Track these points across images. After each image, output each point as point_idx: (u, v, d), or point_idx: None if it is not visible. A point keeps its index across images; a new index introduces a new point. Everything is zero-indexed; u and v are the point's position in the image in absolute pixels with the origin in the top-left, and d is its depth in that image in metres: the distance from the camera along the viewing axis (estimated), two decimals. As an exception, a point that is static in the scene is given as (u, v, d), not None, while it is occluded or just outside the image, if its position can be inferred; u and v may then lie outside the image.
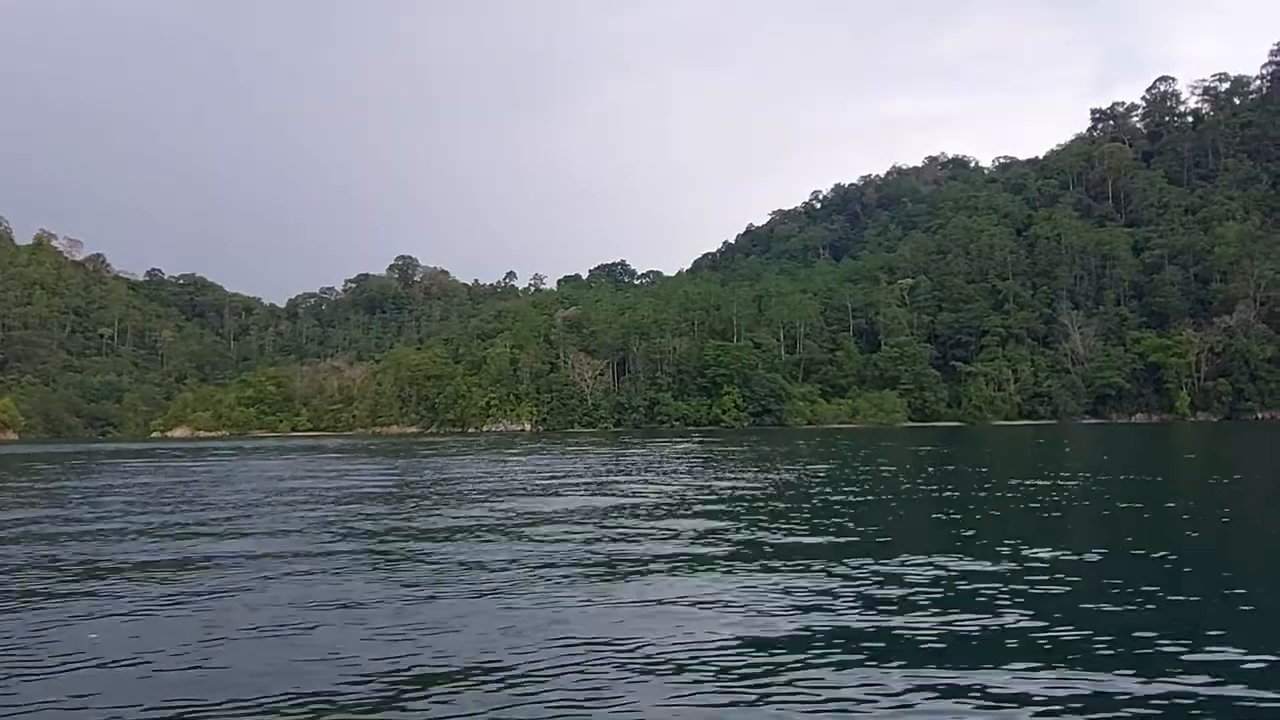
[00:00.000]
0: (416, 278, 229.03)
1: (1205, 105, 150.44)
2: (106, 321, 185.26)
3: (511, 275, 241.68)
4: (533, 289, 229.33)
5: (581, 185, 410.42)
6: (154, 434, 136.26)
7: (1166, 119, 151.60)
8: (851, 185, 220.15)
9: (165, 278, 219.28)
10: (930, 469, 31.69)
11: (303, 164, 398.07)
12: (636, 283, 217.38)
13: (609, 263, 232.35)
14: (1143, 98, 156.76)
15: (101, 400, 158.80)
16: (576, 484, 24.37)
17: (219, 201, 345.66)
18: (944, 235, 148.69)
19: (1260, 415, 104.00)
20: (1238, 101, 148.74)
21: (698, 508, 17.55)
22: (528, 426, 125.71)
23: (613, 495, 20.25)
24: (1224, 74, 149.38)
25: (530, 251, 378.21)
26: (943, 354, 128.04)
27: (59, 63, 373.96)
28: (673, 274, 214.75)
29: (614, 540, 12.69)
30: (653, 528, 14.13)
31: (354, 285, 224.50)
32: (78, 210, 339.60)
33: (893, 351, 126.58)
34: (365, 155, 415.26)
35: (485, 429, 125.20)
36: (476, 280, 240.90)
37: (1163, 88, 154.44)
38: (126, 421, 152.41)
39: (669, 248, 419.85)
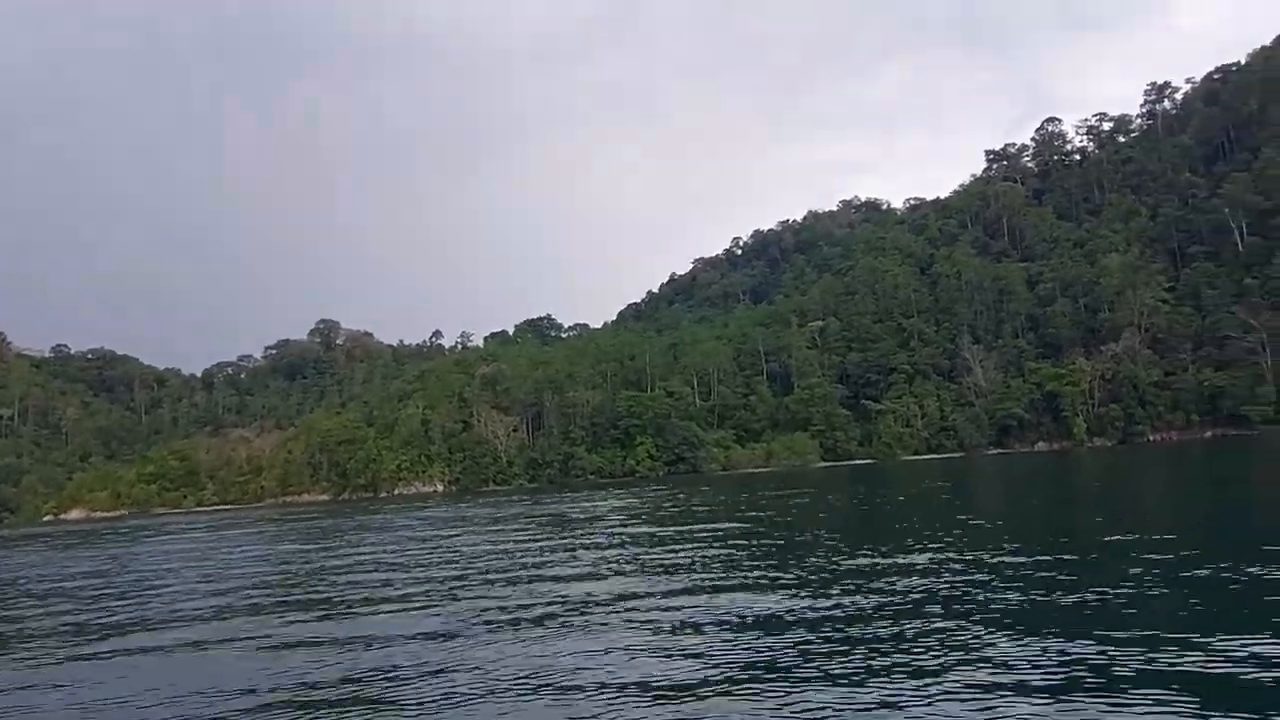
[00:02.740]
0: (339, 341, 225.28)
1: (1090, 144, 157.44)
2: (6, 401, 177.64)
3: (438, 334, 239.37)
4: (459, 347, 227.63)
5: (509, 241, 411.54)
6: (46, 517, 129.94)
7: (1055, 158, 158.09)
8: (770, 231, 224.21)
9: (72, 353, 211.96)
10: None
11: (221, 231, 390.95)
12: (563, 336, 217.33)
13: (535, 317, 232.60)
14: (1032, 138, 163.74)
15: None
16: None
17: (132, 272, 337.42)
18: (852, 277, 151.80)
19: (1151, 438, 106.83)
20: (1121, 139, 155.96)
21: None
22: (440, 487, 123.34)
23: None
24: (1104, 113, 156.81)
25: (458, 310, 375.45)
26: (853, 393, 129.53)
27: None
28: (599, 326, 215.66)
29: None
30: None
31: (273, 352, 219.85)
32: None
33: (804, 393, 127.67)
34: (287, 218, 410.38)
35: (396, 491, 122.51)
36: (401, 341, 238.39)
37: (1050, 128, 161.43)
38: (24, 505, 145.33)
39: (598, 300, 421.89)
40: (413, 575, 20.68)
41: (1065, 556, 16.22)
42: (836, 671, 9.30)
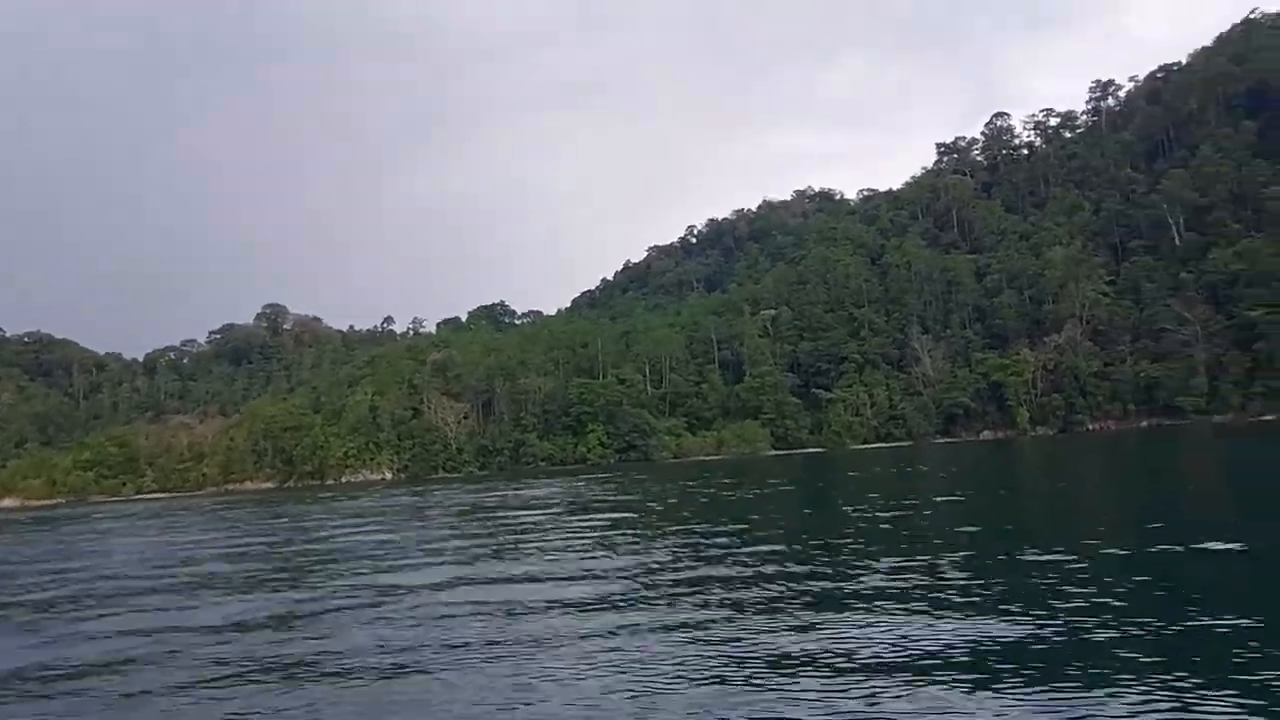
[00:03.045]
0: (286, 326, 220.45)
1: (1037, 139, 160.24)
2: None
3: (389, 320, 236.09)
4: (411, 333, 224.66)
5: (463, 227, 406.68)
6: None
7: (1003, 152, 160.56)
8: (725, 220, 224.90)
9: (7, 336, 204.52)
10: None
11: (165, 213, 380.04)
12: (517, 323, 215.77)
13: (488, 304, 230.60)
14: (982, 132, 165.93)
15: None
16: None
17: (73, 255, 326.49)
18: (805, 266, 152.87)
19: (1091, 427, 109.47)
20: (1067, 135, 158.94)
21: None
22: (388, 475, 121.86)
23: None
24: (1050, 109, 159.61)
25: (411, 296, 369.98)
26: (804, 382, 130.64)
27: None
28: (553, 313, 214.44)
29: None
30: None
31: (218, 336, 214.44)
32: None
33: (755, 382, 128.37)
34: (235, 202, 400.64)
35: (344, 479, 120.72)
36: (352, 326, 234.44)
37: (999, 123, 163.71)
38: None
39: (553, 287, 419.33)
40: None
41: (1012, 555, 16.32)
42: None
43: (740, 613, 11.13)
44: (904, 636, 9.20)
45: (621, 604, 12.47)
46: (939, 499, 28.59)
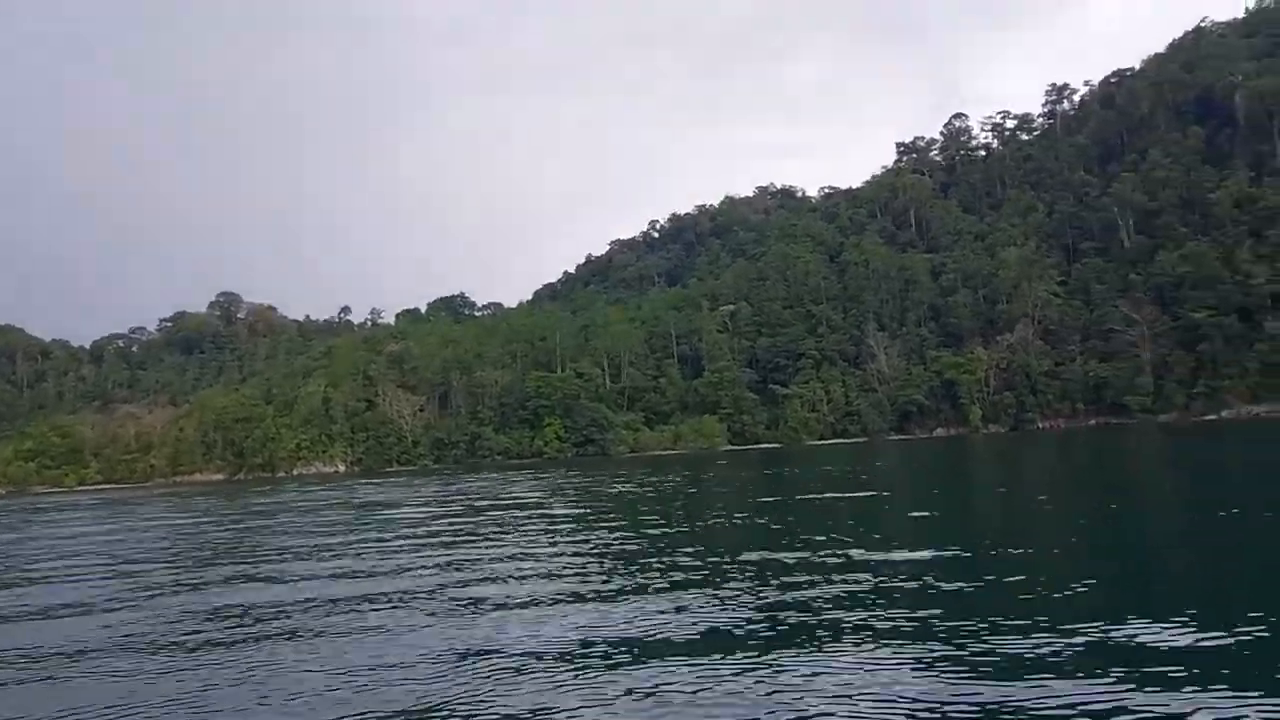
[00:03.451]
0: (240, 315, 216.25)
1: (994, 140, 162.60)
2: None
3: (346, 310, 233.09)
4: (369, 324, 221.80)
5: (424, 216, 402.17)
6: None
7: (961, 153, 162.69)
8: (687, 214, 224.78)
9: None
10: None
11: (116, 198, 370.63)
12: (477, 314, 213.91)
13: (448, 295, 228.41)
14: (940, 133, 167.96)
15: None
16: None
17: (19, 240, 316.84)
18: (765, 262, 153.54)
19: (1041, 425, 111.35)
20: (1025, 137, 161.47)
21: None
22: (342, 468, 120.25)
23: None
24: (1007, 111, 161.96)
25: (370, 286, 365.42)
26: (762, 377, 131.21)
27: None
28: (514, 306, 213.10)
29: None
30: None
31: (169, 324, 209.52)
32: None
33: (713, 377, 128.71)
34: (188, 187, 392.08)
35: (295, 472, 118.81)
36: (308, 316, 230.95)
37: (958, 124, 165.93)
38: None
39: (513, 279, 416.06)
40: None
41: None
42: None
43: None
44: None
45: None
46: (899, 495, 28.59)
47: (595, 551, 16.54)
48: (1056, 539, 15.13)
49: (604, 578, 13.13)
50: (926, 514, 21.51)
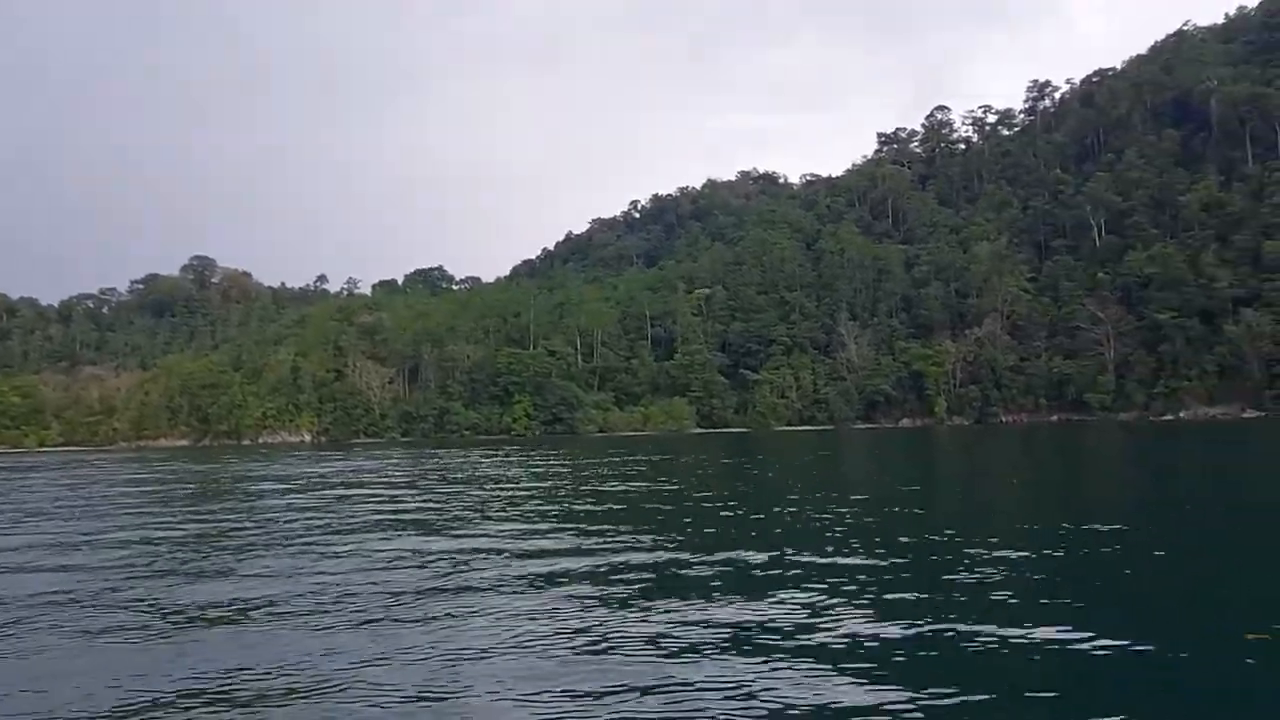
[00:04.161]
0: (214, 280, 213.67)
1: (974, 134, 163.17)
2: None
3: (323, 279, 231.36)
4: (345, 293, 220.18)
5: (407, 187, 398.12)
6: None
7: (941, 145, 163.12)
8: (669, 196, 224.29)
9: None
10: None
11: (88, 158, 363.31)
12: (455, 288, 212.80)
13: (426, 267, 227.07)
14: (922, 125, 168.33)
15: None
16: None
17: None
18: (742, 247, 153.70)
19: (1004, 419, 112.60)
20: (1005, 132, 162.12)
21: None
22: (308, 437, 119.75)
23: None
24: (989, 106, 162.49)
25: (349, 255, 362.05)
26: (733, 362, 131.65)
27: None
28: (492, 281, 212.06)
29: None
30: None
31: (141, 286, 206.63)
32: None
33: (685, 359, 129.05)
34: (169, 147, 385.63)
35: (261, 440, 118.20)
36: (284, 283, 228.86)
37: (939, 116, 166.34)
38: None
39: (494, 253, 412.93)
40: None
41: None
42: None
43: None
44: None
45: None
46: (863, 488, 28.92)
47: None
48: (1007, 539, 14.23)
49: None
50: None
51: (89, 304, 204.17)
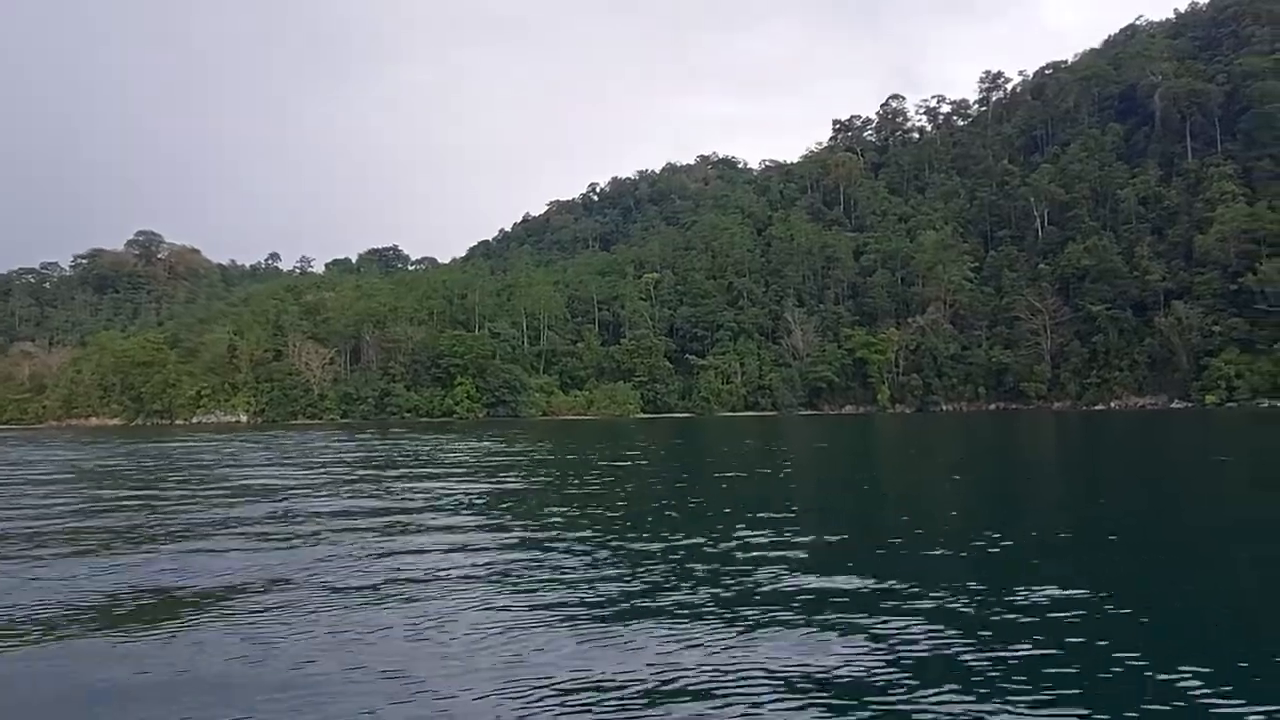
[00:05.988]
0: (161, 255, 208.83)
1: (928, 124, 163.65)
2: None
3: (274, 257, 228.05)
4: (298, 271, 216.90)
5: (364, 166, 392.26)
6: None
7: (895, 134, 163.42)
8: (627, 179, 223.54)
9: None
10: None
11: (35, 128, 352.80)
12: (410, 268, 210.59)
13: (381, 247, 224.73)
14: (876, 113, 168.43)
15: None
16: None
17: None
18: (693, 232, 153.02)
19: (944, 407, 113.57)
20: (959, 122, 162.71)
21: None
22: (244, 418, 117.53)
23: None
24: (942, 96, 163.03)
25: (303, 232, 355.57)
26: (680, 347, 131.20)
27: None
28: (447, 261, 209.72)
29: None
30: None
31: (84, 261, 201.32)
32: None
33: (631, 344, 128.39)
34: (116, 117, 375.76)
35: (195, 420, 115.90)
36: (234, 261, 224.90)
37: (894, 105, 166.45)
38: None
39: (451, 234, 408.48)
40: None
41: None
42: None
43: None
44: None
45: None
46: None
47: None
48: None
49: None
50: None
51: (29, 279, 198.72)
